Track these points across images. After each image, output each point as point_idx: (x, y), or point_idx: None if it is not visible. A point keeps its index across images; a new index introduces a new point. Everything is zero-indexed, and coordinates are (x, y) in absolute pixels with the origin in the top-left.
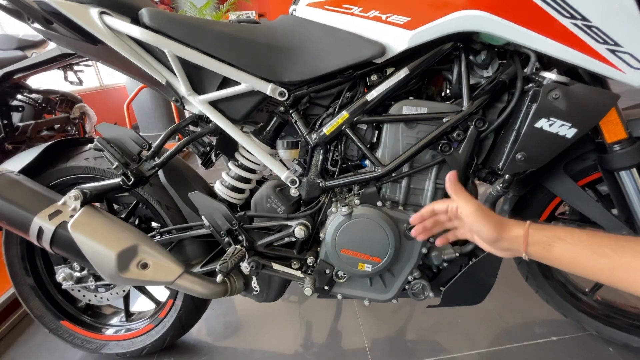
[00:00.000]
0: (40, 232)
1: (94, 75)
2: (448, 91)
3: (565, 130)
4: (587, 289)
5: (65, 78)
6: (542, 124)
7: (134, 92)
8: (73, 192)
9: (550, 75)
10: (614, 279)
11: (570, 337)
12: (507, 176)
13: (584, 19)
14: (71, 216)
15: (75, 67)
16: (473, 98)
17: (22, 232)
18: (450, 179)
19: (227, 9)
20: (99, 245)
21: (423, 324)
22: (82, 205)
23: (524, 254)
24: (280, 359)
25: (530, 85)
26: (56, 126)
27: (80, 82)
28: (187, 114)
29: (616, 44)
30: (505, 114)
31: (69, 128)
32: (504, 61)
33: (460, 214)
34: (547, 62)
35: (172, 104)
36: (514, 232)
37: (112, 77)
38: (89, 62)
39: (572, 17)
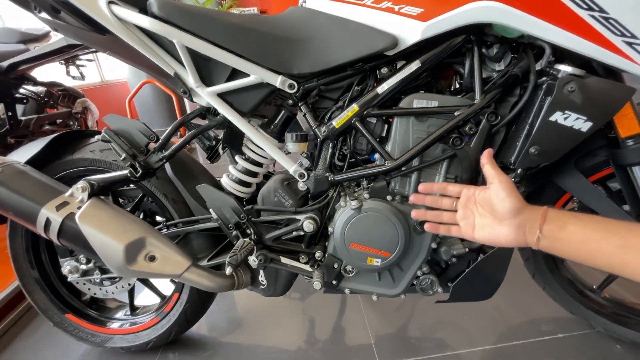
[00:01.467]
0: (47, 223)
1: (96, 71)
2: (457, 85)
3: (580, 123)
4: (594, 286)
5: (67, 73)
6: (557, 117)
7: (135, 87)
8: (80, 184)
9: (566, 68)
10: (624, 261)
11: (578, 335)
12: (519, 170)
13: (601, 10)
14: (78, 208)
15: (78, 62)
16: (485, 92)
17: (29, 224)
18: (490, 152)
19: (229, 5)
20: (106, 237)
21: (429, 320)
22: (90, 196)
23: (537, 232)
24: (284, 355)
25: (544, 78)
26: (58, 120)
27: (83, 77)
28: (189, 108)
29: (634, 36)
30: (518, 107)
31: (71, 122)
32: (516, 55)
33: (490, 185)
34: (559, 55)
35: (174, 99)
36: (534, 207)
37: (114, 73)
38: (91, 57)
39: (590, 8)
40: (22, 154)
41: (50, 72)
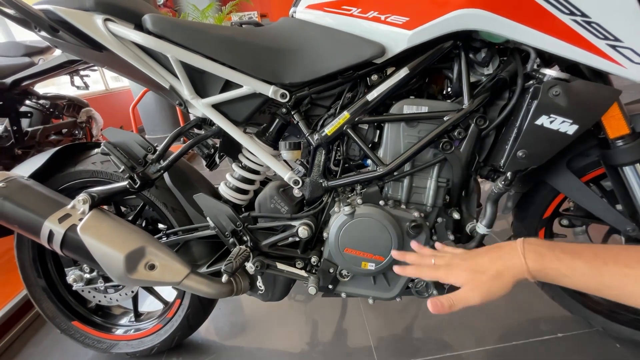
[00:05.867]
0: (50, 235)
1: (100, 79)
2: (449, 89)
3: (566, 126)
4: None
5: (72, 83)
6: (543, 121)
7: (138, 95)
8: (81, 196)
9: (551, 72)
10: (627, 294)
11: (577, 334)
12: (509, 174)
13: (583, 15)
14: (80, 219)
15: (82, 72)
16: (474, 96)
17: (33, 236)
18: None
19: (229, 11)
20: (107, 247)
21: (428, 321)
22: (91, 208)
23: (523, 259)
24: (286, 358)
25: (531, 82)
26: (64, 130)
27: (87, 87)
28: (192, 115)
29: (616, 39)
30: (506, 111)
31: (77, 132)
32: (504, 58)
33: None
34: (548, 58)
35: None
36: (505, 242)
37: (118, 81)
38: (95, 67)
39: (572, 13)
40: (26, 168)
41: (56, 82)
